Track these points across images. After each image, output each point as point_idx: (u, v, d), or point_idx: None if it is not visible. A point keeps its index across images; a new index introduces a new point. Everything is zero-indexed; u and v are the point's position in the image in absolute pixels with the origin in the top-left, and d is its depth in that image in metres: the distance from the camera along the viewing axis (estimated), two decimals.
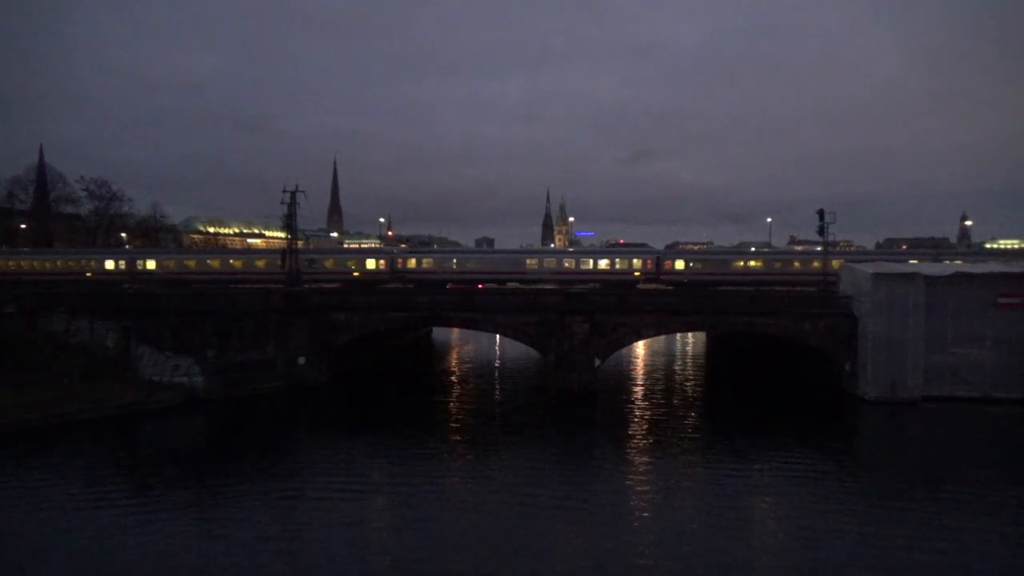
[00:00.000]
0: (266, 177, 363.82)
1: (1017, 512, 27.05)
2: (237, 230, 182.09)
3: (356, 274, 75.65)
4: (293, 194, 59.16)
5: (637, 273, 74.46)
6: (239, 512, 26.42)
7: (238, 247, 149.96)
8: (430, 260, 79.93)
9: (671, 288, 70.86)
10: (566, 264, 78.14)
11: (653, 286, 70.26)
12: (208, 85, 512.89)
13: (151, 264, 78.75)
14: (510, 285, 73.67)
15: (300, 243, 74.45)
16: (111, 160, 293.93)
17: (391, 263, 77.04)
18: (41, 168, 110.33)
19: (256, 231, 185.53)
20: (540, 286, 67.45)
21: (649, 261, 75.57)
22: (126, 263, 78.87)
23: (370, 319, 50.93)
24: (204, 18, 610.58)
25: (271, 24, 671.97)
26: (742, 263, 75.77)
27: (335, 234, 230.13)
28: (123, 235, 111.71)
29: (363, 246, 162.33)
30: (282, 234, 72.67)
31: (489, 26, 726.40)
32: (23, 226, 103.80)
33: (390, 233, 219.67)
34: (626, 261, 76.72)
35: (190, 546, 23.24)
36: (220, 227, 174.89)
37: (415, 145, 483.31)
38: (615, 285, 69.94)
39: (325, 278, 73.52)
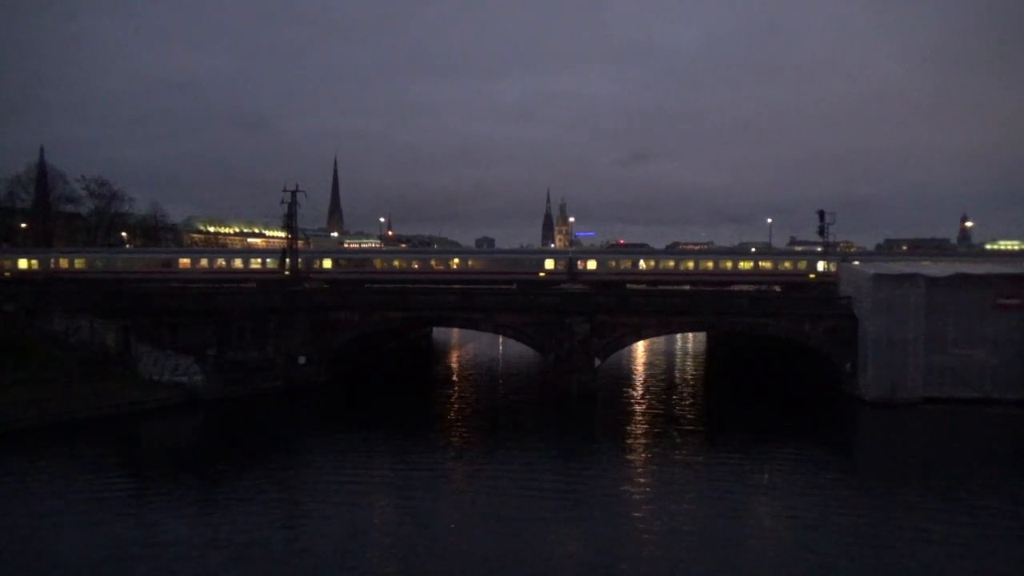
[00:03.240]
0: (266, 177, 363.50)
1: (1017, 512, 27.03)
2: (237, 229, 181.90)
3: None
4: (293, 194, 59.24)
5: (542, 274, 75.23)
6: (239, 511, 26.40)
7: (238, 247, 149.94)
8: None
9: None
10: (469, 264, 79.19)
11: (568, 285, 70.88)
12: (209, 85, 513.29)
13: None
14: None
15: (300, 243, 74.45)
16: (112, 159, 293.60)
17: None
18: (42, 167, 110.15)
19: (256, 231, 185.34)
20: (452, 287, 67.31)
21: (562, 262, 76.52)
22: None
23: (370, 319, 50.91)
24: (205, 18, 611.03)
25: (271, 24, 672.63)
26: (652, 263, 77.32)
27: (335, 234, 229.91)
28: (123, 234, 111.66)
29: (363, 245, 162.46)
30: (282, 234, 72.43)
31: (489, 27, 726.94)
32: (23, 225, 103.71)
33: (390, 233, 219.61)
34: (539, 262, 78.04)
35: (190, 545, 23.21)
36: (220, 227, 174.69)
37: (415, 145, 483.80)
38: (528, 284, 70.82)
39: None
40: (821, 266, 72.49)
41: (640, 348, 69.42)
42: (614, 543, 23.83)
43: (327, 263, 76.42)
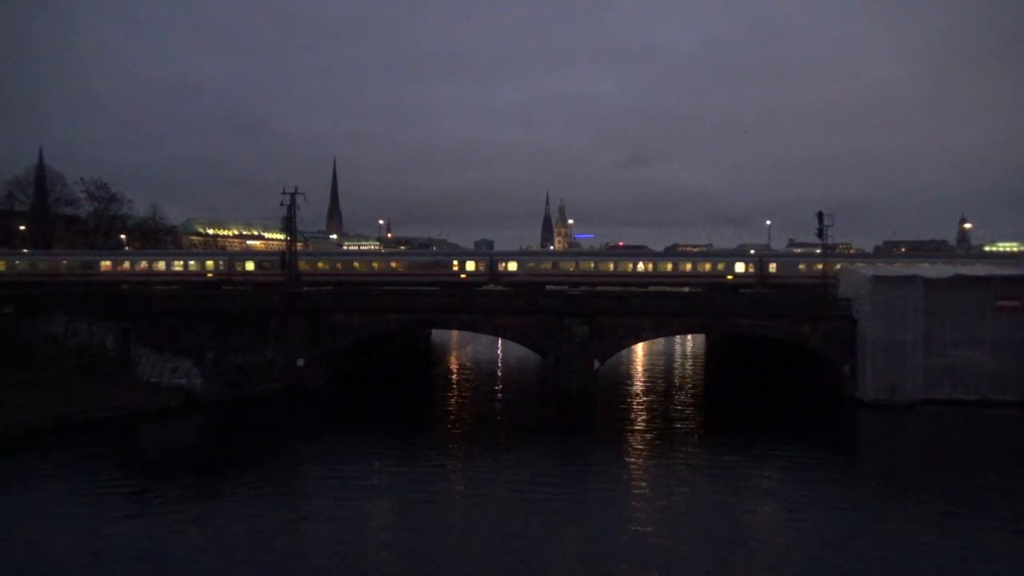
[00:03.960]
0: (265, 179, 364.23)
1: (1017, 514, 27.06)
2: (236, 232, 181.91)
3: None
4: (293, 196, 59.08)
5: (463, 276, 75.45)
6: (238, 514, 26.36)
7: (237, 249, 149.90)
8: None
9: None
10: (392, 265, 79.89)
11: (491, 287, 71.28)
12: (208, 87, 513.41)
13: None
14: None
15: (300, 245, 74.36)
16: (111, 162, 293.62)
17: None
18: (40, 169, 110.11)
19: (256, 233, 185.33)
20: (385, 288, 67.49)
21: (483, 264, 76.84)
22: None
23: (370, 321, 50.92)
24: (204, 20, 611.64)
25: (270, 26, 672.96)
26: (573, 265, 77.98)
27: (334, 236, 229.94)
28: (122, 236, 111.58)
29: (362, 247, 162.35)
30: (282, 236, 72.38)
31: (488, 29, 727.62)
32: (22, 228, 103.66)
33: (389, 235, 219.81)
34: (460, 264, 78.26)
35: (189, 548, 23.19)
36: (219, 229, 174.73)
37: (414, 147, 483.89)
38: (453, 286, 71.02)
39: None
40: (740, 267, 74.37)
41: (639, 350, 69.43)
42: (614, 544, 23.80)
43: (250, 265, 76.73)
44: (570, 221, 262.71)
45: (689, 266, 76.58)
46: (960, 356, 45.05)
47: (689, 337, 78.52)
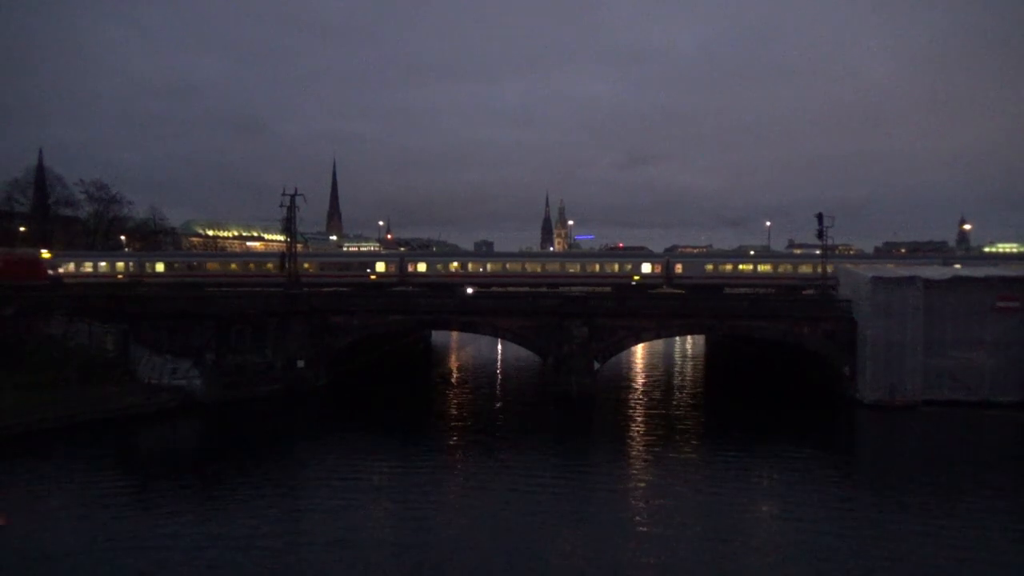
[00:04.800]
0: (265, 180, 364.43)
1: (1017, 513, 27.06)
2: (236, 233, 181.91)
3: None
4: (292, 197, 59.10)
5: (373, 276, 76.18)
6: (237, 515, 26.35)
7: (237, 250, 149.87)
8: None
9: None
10: (305, 267, 79.39)
11: (401, 288, 71.80)
12: (207, 88, 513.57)
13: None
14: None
15: (299, 246, 74.33)
16: (110, 163, 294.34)
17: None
18: (40, 171, 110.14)
19: (255, 234, 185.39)
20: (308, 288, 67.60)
21: (393, 265, 77.66)
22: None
23: (369, 322, 50.92)
24: (203, 22, 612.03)
25: (270, 28, 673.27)
26: (481, 266, 79.02)
27: (334, 237, 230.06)
28: (122, 238, 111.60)
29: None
30: (281, 237, 72.46)
31: (488, 30, 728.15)
32: (22, 229, 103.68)
33: (389, 236, 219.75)
34: (370, 264, 79.16)
35: (188, 549, 23.17)
36: (219, 230, 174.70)
37: (414, 148, 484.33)
38: (365, 287, 71.52)
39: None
40: (647, 268, 76.32)
41: (639, 351, 69.43)
42: (614, 544, 23.80)
43: (160, 267, 77.14)
44: (570, 222, 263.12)
45: (597, 267, 77.88)
46: (960, 357, 45.05)
47: (689, 338, 78.53)
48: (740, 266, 79.20)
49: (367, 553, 23.30)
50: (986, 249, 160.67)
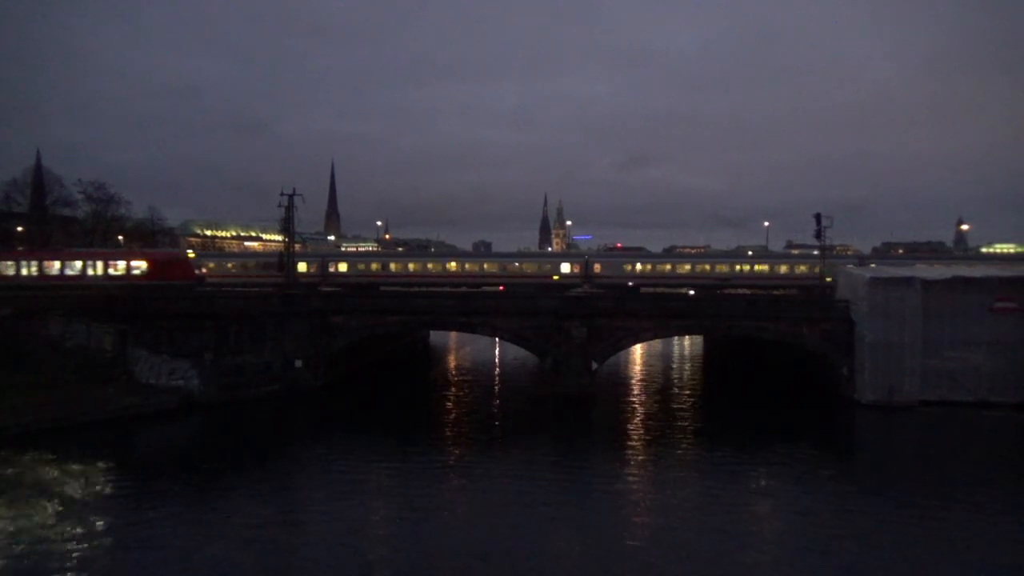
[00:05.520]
0: (263, 181, 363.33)
1: (1016, 514, 27.11)
2: (234, 233, 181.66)
3: None
4: (291, 197, 59.08)
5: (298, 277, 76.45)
6: (236, 516, 26.31)
7: (235, 250, 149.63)
8: None
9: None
10: (228, 266, 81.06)
11: (325, 288, 71.55)
12: (206, 89, 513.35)
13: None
14: None
15: (297, 246, 74.33)
16: (108, 163, 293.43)
17: None
18: (38, 171, 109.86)
19: (254, 234, 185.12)
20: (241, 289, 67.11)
21: (314, 265, 78.25)
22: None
23: (367, 322, 50.90)
24: (202, 22, 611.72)
25: (269, 28, 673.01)
26: (400, 266, 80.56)
27: (332, 237, 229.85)
28: (120, 238, 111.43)
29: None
30: (279, 237, 72.36)
31: (486, 31, 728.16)
32: (20, 229, 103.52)
33: (387, 236, 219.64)
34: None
35: (186, 550, 23.15)
36: (217, 230, 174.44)
37: (413, 149, 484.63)
38: (280, 287, 70.84)
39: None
40: (566, 268, 79.28)
41: (638, 351, 69.46)
42: (612, 544, 23.82)
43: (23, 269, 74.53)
44: (568, 223, 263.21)
45: (517, 266, 78.45)
46: (957, 357, 45.10)
47: (687, 338, 78.66)
48: (659, 266, 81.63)
49: (366, 552, 23.27)
50: (984, 249, 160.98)
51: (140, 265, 60.90)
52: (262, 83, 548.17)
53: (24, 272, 62.78)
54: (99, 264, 61.19)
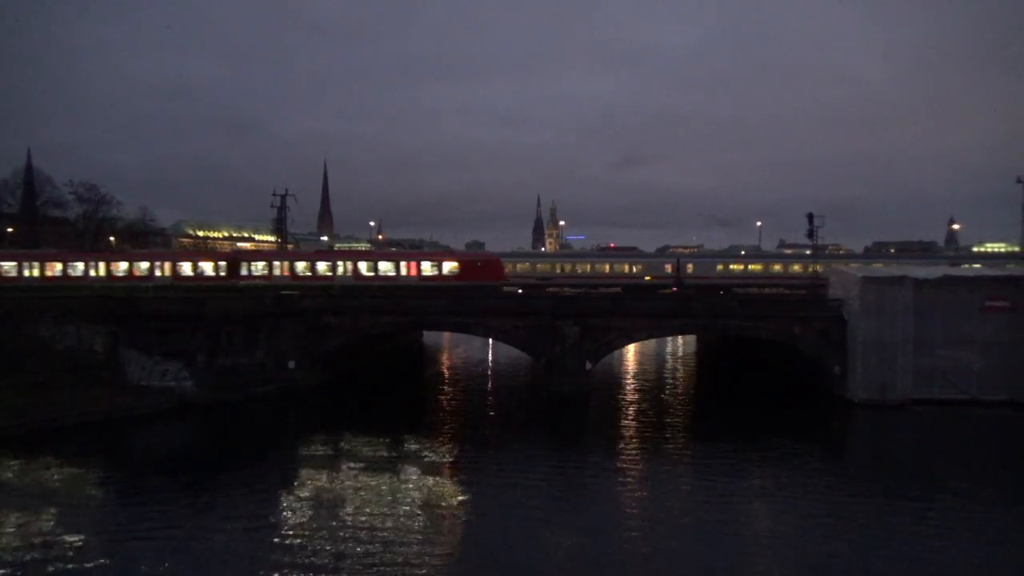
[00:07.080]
0: (257, 181, 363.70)
1: (1006, 512, 27.28)
2: (227, 233, 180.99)
3: None
4: (283, 197, 59.09)
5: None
6: (229, 518, 26.19)
7: (228, 250, 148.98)
8: None
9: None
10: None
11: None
12: (198, 88, 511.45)
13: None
14: None
15: (290, 246, 74.04)
16: (100, 163, 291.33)
17: None
18: (29, 172, 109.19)
19: (246, 235, 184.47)
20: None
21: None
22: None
23: (361, 323, 50.75)
24: (194, 21, 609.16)
25: (261, 27, 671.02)
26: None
27: (325, 237, 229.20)
28: (111, 239, 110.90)
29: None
30: (272, 237, 72.14)
31: (480, 31, 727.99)
32: (10, 230, 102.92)
33: (381, 236, 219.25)
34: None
35: (179, 552, 23.05)
36: (210, 231, 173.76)
37: (407, 149, 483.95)
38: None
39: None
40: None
41: (631, 351, 69.55)
42: (607, 543, 23.85)
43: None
44: (561, 223, 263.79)
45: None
46: (949, 356, 45.35)
47: (681, 338, 78.80)
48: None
49: (364, 553, 23.21)
50: (975, 248, 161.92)
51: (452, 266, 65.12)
52: (255, 82, 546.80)
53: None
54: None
